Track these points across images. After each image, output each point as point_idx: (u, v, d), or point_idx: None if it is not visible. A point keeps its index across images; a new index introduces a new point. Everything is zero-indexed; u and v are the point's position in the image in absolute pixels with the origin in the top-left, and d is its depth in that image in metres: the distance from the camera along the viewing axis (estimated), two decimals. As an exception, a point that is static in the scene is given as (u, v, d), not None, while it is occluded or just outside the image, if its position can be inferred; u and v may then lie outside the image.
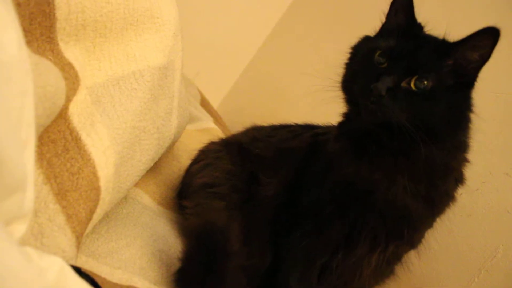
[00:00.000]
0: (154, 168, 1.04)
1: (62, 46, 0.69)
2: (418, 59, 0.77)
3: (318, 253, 0.85)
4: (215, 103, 1.97)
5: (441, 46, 0.80)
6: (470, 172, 0.85)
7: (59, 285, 0.46)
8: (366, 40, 0.88)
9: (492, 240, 1.01)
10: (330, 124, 1.00)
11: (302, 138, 0.98)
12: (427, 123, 0.76)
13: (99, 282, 0.66)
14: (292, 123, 1.06)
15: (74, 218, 0.62)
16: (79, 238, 0.63)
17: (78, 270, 0.57)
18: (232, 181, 0.94)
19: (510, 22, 0.82)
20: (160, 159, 1.03)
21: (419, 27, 0.84)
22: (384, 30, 0.87)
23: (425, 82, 0.75)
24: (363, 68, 0.81)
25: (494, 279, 1.00)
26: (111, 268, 0.74)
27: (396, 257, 0.90)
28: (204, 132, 1.43)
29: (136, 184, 0.95)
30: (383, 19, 0.86)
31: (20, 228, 0.48)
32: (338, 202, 0.83)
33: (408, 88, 0.76)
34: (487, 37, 0.75)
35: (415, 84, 0.76)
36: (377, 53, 0.80)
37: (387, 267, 0.91)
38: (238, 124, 1.16)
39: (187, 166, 1.06)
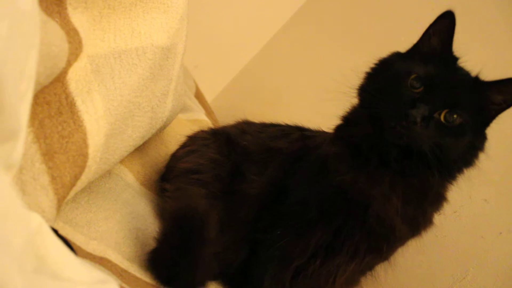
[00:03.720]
0: (141, 149, 1.04)
1: (70, 11, 0.69)
2: (455, 93, 0.78)
3: (296, 254, 0.86)
4: (209, 98, 1.97)
5: (474, 83, 0.81)
6: (450, 194, 0.86)
7: (39, 235, 0.46)
8: (397, 56, 0.88)
9: (463, 262, 1.03)
10: (319, 129, 1.01)
11: (291, 138, 0.99)
12: (448, 156, 0.77)
13: (74, 249, 0.66)
14: (282, 123, 1.07)
15: (58, 180, 0.62)
16: (60, 201, 0.63)
17: (55, 232, 0.57)
18: (216, 170, 0.93)
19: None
20: (148, 141, 1.03)
21: (455, 58, 0.83)
22: (418, 51, 0.86)
23: (455, 117, 0.76)
24: (394, 88, 0.81)
25: (462, 300, 1.02)
26: (86, 238, 0.73)
27: (369, 268, 0.92)
28: (195, 123, 1.43)
29: (122, 162, 0.95)
30: (390, 32, 0.87)
31: (5, 179, 0.48)
32: (325, 208, 0.83)
33: (439, 119, 0.77)
34: None
35: (444, 117, 0.77)
36: (413, 76, 0.80)
37: (359, 276, 0.92)
38: (229, 121, 1.16)
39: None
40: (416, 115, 0.75)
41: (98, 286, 0.51)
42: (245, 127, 1.04)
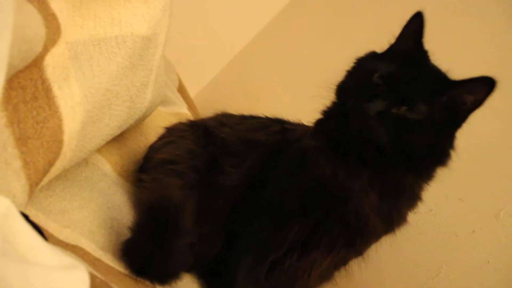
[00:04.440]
0: (120, 140, 1.04)
1: (49, -5, 0.69)
2: (413, 89, 0.78)
3: (273, 248, 0.86)
4: (192, 92, 1.97)
5: (440, 80, 0.81)
6: (427, 193, 0.87)
7: (5, 220, 0.46)
8: (372, 56, 0.89)
9: (437, 259, 1.05)
10: (299, 122, 1.01)
11: (270, 130, 0.99)
12: (409, 152, 0.78)
13: (46, 236, 0.65)
14: (262, 115, 1.07)
15: (31, 165, 0.61)
16: (32, 187, 0.62)
17: (26, 218, 0.57)
18: (193, 161, 0.93)
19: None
20: (127, 132, 1.02)
21: (425, 53, 0.85)
22: (391, 51, 0.88)
23: (414, 113, 0.77)
24: (361, 85, 0.82)
25: (434, 297, 1.03)
26: (60, 226, 0.73)
27: (343, 262, 0.92)
28: (177, 116, 1.43)
29: (100, 151, 0.94)
30: (376, 31, 0.88)
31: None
32: (304, 201, 0.84)
33: (398, 115, 0.77)
34: (483, 86, 0.78)
35: (404, 113, 0.77)
36: (377, 75, 0.81)
37: (333, 271, 0.93)
38: (211, 115, 1.16)
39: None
40: (371, 109, 0.76)
41: (67, 270, 0.51)
42: (223, 120, 1.04)
